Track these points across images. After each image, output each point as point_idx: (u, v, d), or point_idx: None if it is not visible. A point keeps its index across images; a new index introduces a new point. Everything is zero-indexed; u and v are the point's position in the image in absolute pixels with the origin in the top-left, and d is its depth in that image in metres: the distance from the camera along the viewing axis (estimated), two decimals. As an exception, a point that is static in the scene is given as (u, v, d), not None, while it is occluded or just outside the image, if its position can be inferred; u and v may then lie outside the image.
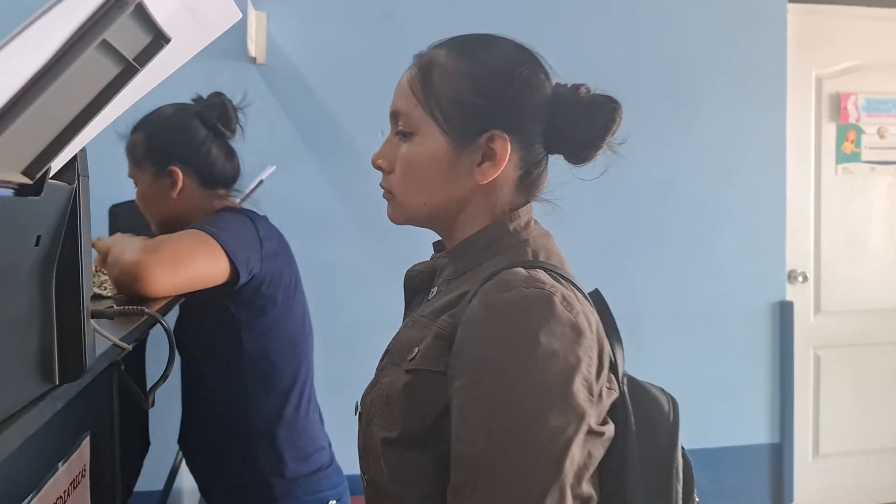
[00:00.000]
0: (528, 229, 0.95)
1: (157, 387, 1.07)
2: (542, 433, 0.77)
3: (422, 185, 0.93)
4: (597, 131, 0.93)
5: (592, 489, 0.86)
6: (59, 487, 0.86)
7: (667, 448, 0.92)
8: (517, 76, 0.91)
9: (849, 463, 3.59)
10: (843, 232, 3.56)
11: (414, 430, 0.84)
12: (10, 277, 0.62)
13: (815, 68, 3.49)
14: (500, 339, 0.80)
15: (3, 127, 0.51)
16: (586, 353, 0.81)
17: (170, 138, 1.58)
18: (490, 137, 0.90)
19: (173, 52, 0.67)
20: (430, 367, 0.85)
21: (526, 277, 0.83)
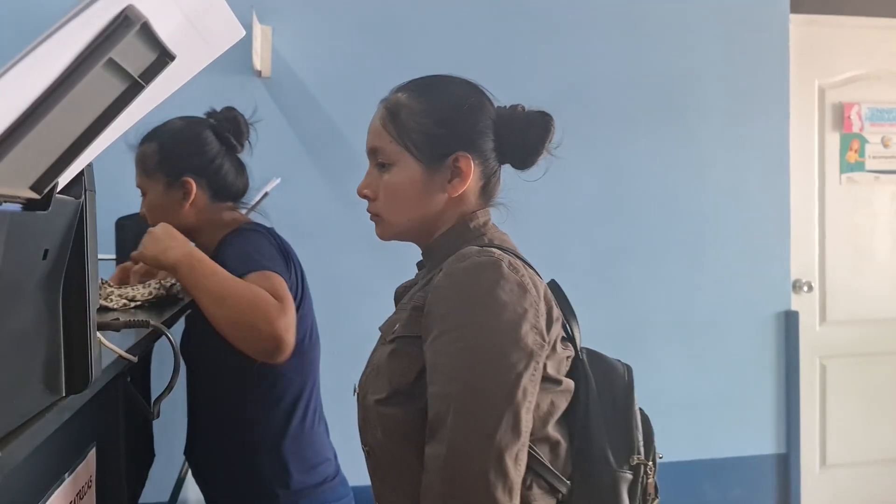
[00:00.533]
0: (487, 227, 1.14)
1: (162, 398, 1.08)
2: (497, 368, 0.96)
3: (404, 205, 1.13)
4: (536, 140, 1.12)
5: (559, 436, 1.05)
6: (65, 498, 0.86)
7: (624, 402, 1.12)
8: (467, 106, 1.12)
9: (856, 473, 3.57)
10: (847, 241, 3.55)
11: (400, 389, 1.02)
12: (18, 290, 0.63)
13: (818, 78, 3.50)
14: (459, 297, 1.00)
15: (13, 144, 0.53)
16: (532, 306, 1.00)
17: (184, 150, 1.59)
18: (455, 158, 1.10)
19: (178, 68, 0.68)
20: (409, 333, 1.03)
21: (479, 250, 1.03)
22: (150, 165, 1.59)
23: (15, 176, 0.58)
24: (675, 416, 3.32)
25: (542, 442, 1.03)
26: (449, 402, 0.95)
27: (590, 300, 3.21)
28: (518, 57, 3.10)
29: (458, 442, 0.94)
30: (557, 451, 1.05)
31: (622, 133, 3.24)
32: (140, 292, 1.52)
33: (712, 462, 3.38)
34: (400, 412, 1.02)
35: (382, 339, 1.10)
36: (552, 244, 3.17)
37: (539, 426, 1.02)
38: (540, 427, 1.02)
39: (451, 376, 0.96)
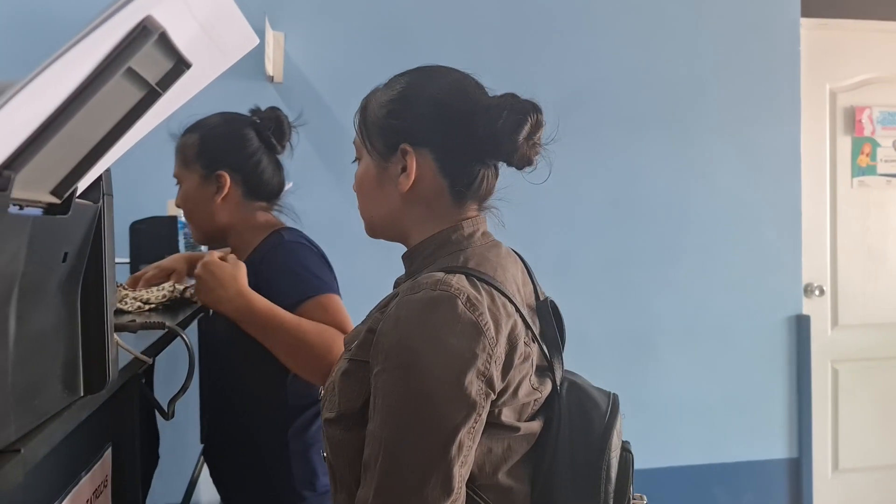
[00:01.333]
0: (471, 239, 1.04)
1: (176, 399, 1.09)
2: (431, 419, 0.89)
3: (366, 201, 1.09)
4: (505, 132, 1.00)
5: (514, 481, 0.97)
6: (82, 497, 0.88)
7: (598, 447, 1.00)
8: (428, 98, 1.04)
9: (869, 478, 3.56)
10: (859, 245, 3.54)
11: (347, 412, 0.96)
12: (39, 292, 0.65)
13: (829, 82, 3.50)
14: (405, 334, 0.91)
15: (35, 151, 0.54)
16: (484, 351, 0.91)
17: (223, 143, 1.60)
18: (403, 151, 1.03)
19: (194, 76, 0.70)
20: (361, 357, 0.96)
21: (436, 280, 0.93)
22: (188, 156, 1.60)
23: (37, 181, 0.60)
24: (687, 420, 3.32)
25: (490, 489, 0.96)
26: (380, 447, 0.89)
27: (599, 305, 3.24)
28: (528, 61, 3.12)
29: (385, 493, 0.88)
30: (510, 497, 0.97)
31: (632, 137, 3.25)
32: (154, 295, 1.54)
33: (724, 466, 3.38)
34: (345, 437, 0.96)
35: (346, 349, 1.03)
36: (561, 249, 3.18)
37: (489, 472, 0.95)
38: (490, 473, 0.95)
39: (386, 419, 0.89)
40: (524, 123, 1.00)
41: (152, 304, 1.51)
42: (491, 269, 1.00)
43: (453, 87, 1.05)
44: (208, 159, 1.59)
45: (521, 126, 1.00)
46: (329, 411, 0.99)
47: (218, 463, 1.69)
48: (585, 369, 1.10)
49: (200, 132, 1.61)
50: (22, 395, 0.61)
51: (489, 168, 1.06)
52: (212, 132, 1.60)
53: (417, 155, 1.03)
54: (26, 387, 0.62)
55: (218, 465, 1.69)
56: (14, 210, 0.58)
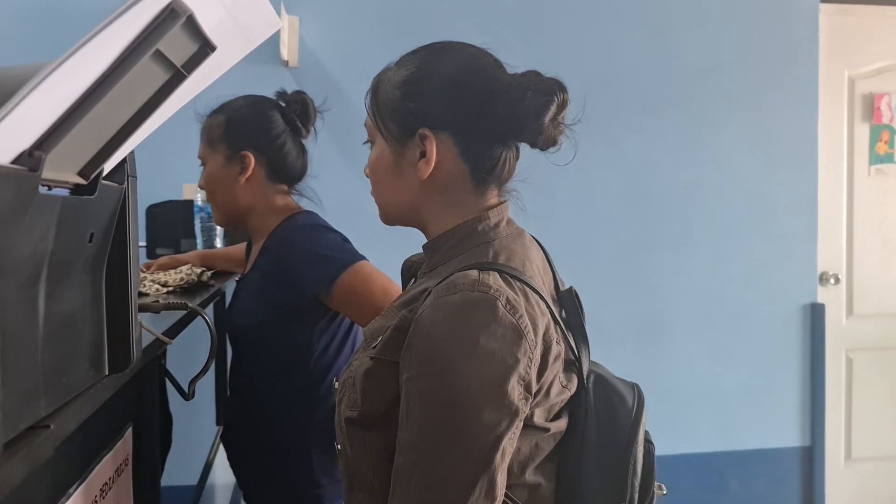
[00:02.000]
0: (497, 230, 0.99)
1: (197, 379, 1.11)
2: (475, 428, 0.84)
3: (381, 187, 1.04)
4: (530, 113, 0.94)
5: (542, 478, 0.95)
6: (104, 475, 0.90)
7: (625, 443, 0.97)
8: (445, 78, 0.98)
9: (882, 467, 3.55)
10: (876, 233, 3.52)
11: (371, 413, 0.92)
12: (67, 272, 0.66)
13: (848, 68, 3.46)
14: (443, 337, 0.86)
15: (65, 132, 0.55)
16: (525, 355, 0.87)
17: (248, 124, 1.61)
18: (421, 136, 0.97)
19: (217, 59, 0.70)
20: (388, 356, 0.91)
21: (473, 281, 0.88)
22: (214, 136, 1.61)
23: (65, 162, 0.61)
24: (700, 408, 3.32)
25: (518, 487, 0.93)
26: (418, 458, 0.85)
27: (614, 292, 3.23)
28: (544, 46, 3.10)
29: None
30: (537, 493, 0.95)
31: (647, 123, 3.23)
32: (172, 277, 1.55)
33: (736, 454, 3.38)
34: (369, 437, 0.93)
35: (365, 345, 0.98)
36: (576, 236, 3.18)
37: (517, 472, 0.92)
38: (518, 473, 0.92)
39: (425, 429, 0.85)
40: (550, 104, 0.94)
41: (170, 287, 1.53)
42: (520, 263, 0.96)
43: (470, 65, 0.99)
44: (233, 140, 1.59)
45: (548, 107, 0.94)
46: (350, 409, 0.94)
47: (236, 447, 1.70)
48: (599, 356, 1.08)
49: (226, 113, 1.62)
50: (51, 373, 0.63)
51: (511, 150, 1.01)
52: (237, 113, 1.61)
53: (437, 140, 0.97)
54: (55, 364, 0.64)
55: (236, 450, 1.70)
56: (43, 190, 0.59)
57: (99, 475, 0.87)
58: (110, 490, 0.92)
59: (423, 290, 0.93)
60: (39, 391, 0.60)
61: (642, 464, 0.99)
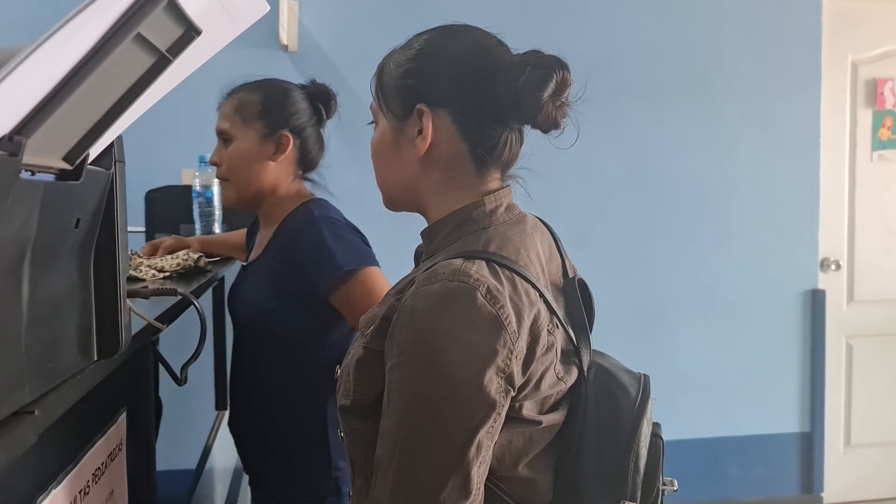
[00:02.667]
0: (493, 216, 0.97)
1: (188, 364, 1.11)
2: (449, 420, 0.83)
3: (382, 167, 1.04)
4: (528, 90, 0.93)
5: (537, 472, 0.93)
6: (97, 459, 0.90)
7: (626, 437, 0.95)
8: (446, 56, 0.97)
9: (881, 453, 3.56)
10: (877, 220, 3.51)
11: (362, 402, 0.92)
12: (52, 257, 0.65)
13: (851, 53, 3.44)
14: (420, 327, 0.85)
15: (46, 116, 0.55)
16: (505, 346, 0.85)
17: (288, 106, 1.62)
18: (418, 112, 0.97)
19: (204, 43, 0.70)
20: (376, 346, 0.91)
21: (454, 270, 0.87)
22: (249, 113, 1.60)
23: (48, 147, 0.60)
24: (701, 393, 3.33)
25: (510, 480, 0.92)
26: (395, 447, 0.85)
27: (616, 278, 3.23)
28: (545, 29, 3.09)
29: (401, 496, 0.84)
30: (533, 488, 0.93)
31: (650, 108, 3.22)
32: (169, 263, 1.55)
33: (736, 439, 3.39)
34: (361, 426, 0.92)
35: (361, 333, 0.97)
36: (578, 221, 3.17)
37: (508, 465, 0.91)
38: (510, 466, 0.91)
39: (402, 419, 0.84)
40: (548, 80, 0.93)
41: (167, 272, 1.53)
42: (513, 250, 0.94)
43: (473, 45, 0.98)
44: (272, 119, 1.60)
45: (546, 83, 0.92)
46: (344, 398, 0.95)
47: (245, 435, 1.68)
48: (600, 342, 1.07)
49: (262, 92, 1.62)
50: (36, 358, 0.62)
51: (513, 132, 0.99)
52: (275, 94, 1.62)
53: (434, 116, 0.97)
54: (40, 350, 0.63)
55: (245, 437, 1.69)
56: (26, 175, 0.58)
57: (91, 460, 0.87)
58: (103, 475, 0.92)
59: (413, 280, 0.93)
60: (23, 377, 0.60)
61: (647, 459, 0.96)
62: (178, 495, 1.59)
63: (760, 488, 3.43)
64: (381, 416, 0.88)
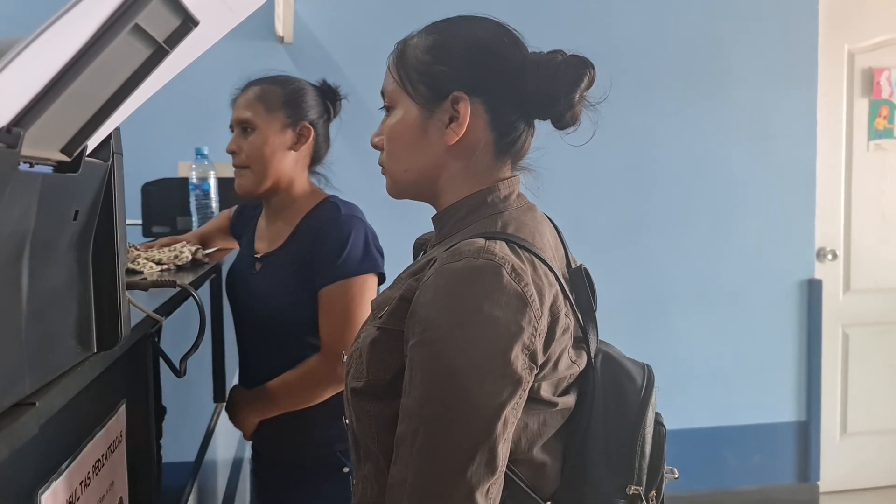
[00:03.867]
0: (507, 202, 0.99)
1: (188, 356, 1.11)
2: (477, 395, 0.84)
3: (401, 153, 1.00)
4: (562, 88, 0.94)
5: (548, 456, 0.94)
6: (97, 451, 0.90)
7: (633, 423, 0.96)
8: (478, 44, 0.97)
9: (877, 442, 3.58)
10: (874, 209, 3.51)
11: (376, 383, 0.92)
12: (50, 249, 0.65)
13: (848, 42, 3.44)
14: (446, 305, 0.85)
15: (44, 108, 0.55)
16: (530, 324, 0.86)
17: (307, 99, 1.67)
18: (454, 99, 0.96)
19: (201, 34, 0.70)
20: (393, 325, 0.91)
21: (479, 248, 0.88)
22: (273, 102, 1.64)
23: (46, 139, 0.60)
24: (698, 384, 3.34)
25: (524, 463, 0.93)
26: (420, 425, 0.85)
27: (613, 270, 3.23)
28: (541, 19, 3.07)
29: (426, 473, 0.84)
30: (543, 471, 0.95)
31: (647, 100, 3.21)
32: (166, 255, 1.55)
33: (733, 429, 3.40)
34: (374, 407, 0.92)
35: (372, 316, 0.98)
36: (575, 212, 3.17)
37: (524, 448, 0.92)
38: (525, 449, 0.92)
39: (426, 396, 0.85)
40: (582, 79, 0.95)
41: (164, 265, 1.53)
42: (529, 234, 0.95)
43: (499, 35, 0.99)
44: (293, 110, 1.64)
45: (580, 82, 0.95)
46: (356, 380, 0.94)
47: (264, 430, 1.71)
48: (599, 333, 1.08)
49: (285, 85, 1.67)
50: (36, 350, 0.63)
51: (530, 127, 1.01)
52: (296, 87, 1.67)
53: (471, 104, 0.96)
54: (40, 342, 0.64)
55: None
56: (24, 167, 0.58)
57: (91, 452, 0.87)
58: (104, 467, 0.93)
59: (430, 260, 0.93)
60: (23, 369, 0.60)
61: (652, 445, 0.98)
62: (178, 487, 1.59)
63: (757, 477, 3.45)
64: (403, 394, 0.88)
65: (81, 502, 0.82)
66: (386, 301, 0.95)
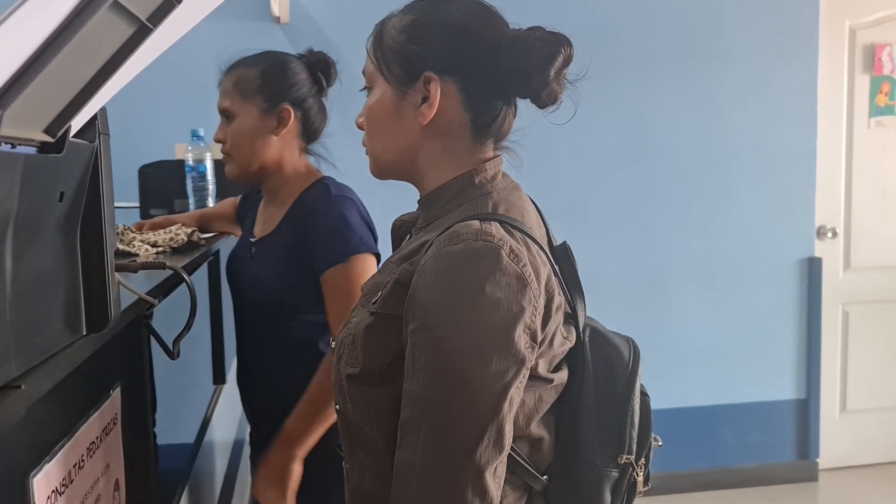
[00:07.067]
0: (494, 182, 0.99)
1: (180, 339, 1.10)
2: (482, 377, 0.84)
3: (378, 133, 1.01)
4: (537, 65, 0.93)
5: (544, 431, 0.96)
6: (91, 434, 0.90)
7: (623, 395, 0.98)
8: (453, 23, 0.96)
9: (876, 419, 3.59)
10: (874, 187, 3.50)
11: (373, 368, 0.92)
12: (36, 232, 0.65)
13: (849, 18, 3.41)
14: (447, 287, 0.86)
15: (23, 86, 0.54)
16: (530, 303, 0.87)
17: (286, 79, 1.61)
18: (426, 79, 0.96)
19: (186, 11, 0.69)
20: (389, 310, 0.91)
21: (476, 230, 0.88)
22: (248, 88, 1.59)
23: (28, 119, 0.60)
24: (697, 361, 3.34)
25: (522, 440, 0.94)
26: (426, 409, 0.85)
27: (612, 247, 3.23)
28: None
29: (435, 456, 0.85)
30: (539, 446, 0.97)
31: (645, 76, 3.19)
32: (162, 238, 1.54)
33: (733, 407, 3.41)
34: (372, 392, 0.93)
35: (363, 301, 0.98)
36: (573, 191, 3.16)
37: (522, 425, 0.93)
38: (523, 426, 0.93)
39: (431, 380, 0.85)
40: (557, 55, 0.93)
41: (160, 247, 1.52)
42: (518, 214, 0.96)
43: (478, 14, 0.98)
44: (271, 93, 1.59)
45: (554, 59, 0.93)
46: (351, 366, 0.94)
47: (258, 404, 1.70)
48: (596, 311, 1.08)
49: (260, 66, 1.61)
50: (22, 333, 0.62)
51: (510, 107, 1.01)
52: (273, 67, 1.61)
53: (442, 84, 0.96)
54: (26, 325, 0.63)
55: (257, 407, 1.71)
56: (6, 148, 0.57)
57: (85, 434, 0.87)
58: (98, 449, 0.92)
59: (424, 243, 0.93)
60: (9, 352, 0.60)
61: (640, 415, 1.00)
62: (178, 469, 1.59)
63: (757, 455, 3.46)
64: (405, 379, 0.88)
65: (76, 485, 0.82)
66: (378, 286, 0.95)
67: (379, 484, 0.95)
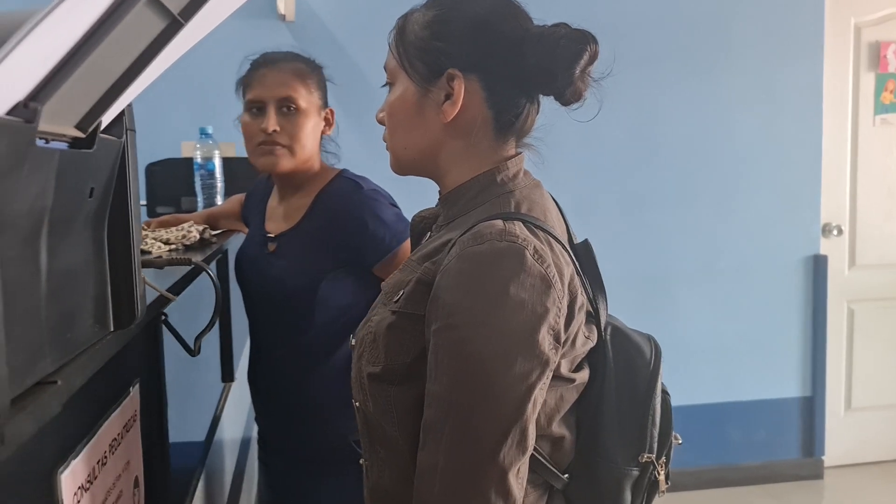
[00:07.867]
0: (516, 180, 0.98)
1: (202, 335, 1.10)
2: (506, 378, 0.84)
3: (400, 129, 1.00)
4: (562, 63, 0.92)
5: (565, 430, 0.96)
6: (113, 430, 0.90)
7: (644, 394, 0.98)
8: (477, 19, 0.95)
9: (881, 416, 3.59)
10: (879, 184, 3.50)
11: (395, 367, 0.92)
12: (68, 228, 0.65)
13: (854, 16, 3.41)
14: (471, 288, 0.85)
15: (60, 82, 0.54)
16: (554, 304, 0.86)
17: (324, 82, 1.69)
18: (448, 76, 0.95)
19: (214, 8, 0.68)
20: (411, 310, 0.91)
21: (500, 230, 0.87)
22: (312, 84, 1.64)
23: (61, 114, 0.59)
24: (703, 359, 3.34)
25: (543, 438, 0.94)
26: (449, 410, 0.85)
27: (619, 245, 3.23)
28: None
29: (458, 458, 0.84)
30: (560, 445, 0.96)
31: (652, 74, 3.19)
32: (174, 235, 1.54)
33: (738, 404, 3.41)
34: (392, 391, 0.92)
35: (385, 299, 0.97)
36: (580, 189, 3.16)
37: (544, 424, 0.92)
38: (544, 425, 0.92)
39: (455, 381, 0.84)
40: (583, 53, 0.92)
41: (173, 245, 1.52)
42: (540, 212, 0.95)
43: (502, 10, 0.97)
44: (325, 92, 1.68)
45: (580, 56, 0.92)
46: (372, 365, 0.94)
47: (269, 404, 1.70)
48: (604, 309, 1.08)
49: (310, 65, 1.67)
50: (55, 329, 0.62)
51: (533, 104, 1.00)
52: (320, 69, 1.69)
53: (466, 81, 0.94)
54: (59, 320, 0.63)
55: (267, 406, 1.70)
56: (41, 143, 0.57)
57: (107, 431, 0.87)
58: (119, 446, 0.92)
59: (446, 242, 0.92)
60: (44, 347, 0.60)
61: (661, 414, 1.00)
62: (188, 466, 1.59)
63: (762, 452, 3.46)
64: (428, 379, 0.88)
65: (99, 481, 0.82)
66: (399, 285, 0.95)
67: (399, 482, 0.95)
